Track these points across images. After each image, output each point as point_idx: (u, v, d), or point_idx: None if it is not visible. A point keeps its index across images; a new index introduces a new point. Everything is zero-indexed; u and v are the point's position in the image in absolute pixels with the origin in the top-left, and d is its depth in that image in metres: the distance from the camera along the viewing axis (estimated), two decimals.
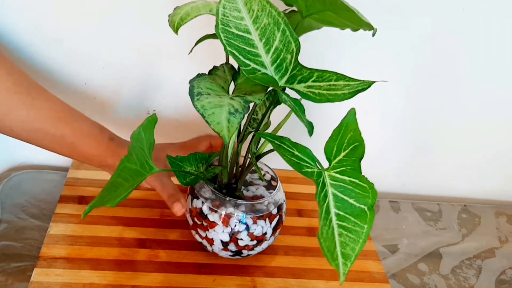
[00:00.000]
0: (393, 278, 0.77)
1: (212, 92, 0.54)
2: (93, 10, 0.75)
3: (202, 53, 0.70)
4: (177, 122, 0.87)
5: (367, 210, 0.54)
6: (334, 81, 0.54)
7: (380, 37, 0.81)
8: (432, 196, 0.99)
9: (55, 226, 0.72)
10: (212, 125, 0.50)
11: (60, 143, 0.64)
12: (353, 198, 0.54)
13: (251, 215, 0.66)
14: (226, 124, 0.50)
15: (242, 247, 0.68)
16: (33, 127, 0.62)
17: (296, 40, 0.55)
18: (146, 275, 0.67)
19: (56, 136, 0.63)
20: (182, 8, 0.58)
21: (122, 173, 0.54)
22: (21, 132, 0.62)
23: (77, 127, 0.65)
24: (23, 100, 0.61)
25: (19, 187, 0.81)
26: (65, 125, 0.64)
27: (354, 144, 0.56)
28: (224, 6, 0.54)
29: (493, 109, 0.91)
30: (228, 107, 0.51)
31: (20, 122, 0.61)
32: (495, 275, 0.82)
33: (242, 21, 0.54)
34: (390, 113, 0.90)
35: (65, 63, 0.79)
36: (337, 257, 0.54)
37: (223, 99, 0.53)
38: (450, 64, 0.85)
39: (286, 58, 0.55)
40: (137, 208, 0.78)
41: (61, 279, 0.64)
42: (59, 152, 0.66)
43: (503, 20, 0.82)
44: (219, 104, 0.51)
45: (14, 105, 0.60)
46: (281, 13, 0.54)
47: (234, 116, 0.51)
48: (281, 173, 0.91)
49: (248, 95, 0.55)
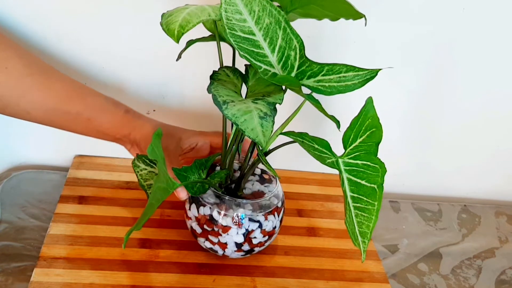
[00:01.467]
0: (393, 278, 0.77)
1: (234, 98, 0.54)
2: (93, 9, 0.75)
3: (201, 53, 0.70)
4: (177, 122, 0.87)
5: (377, 189, 0.56)
6: (344, 73, 0.56)
7: (380, 38, 0.81)
8: (432, 196, 0.99)
9: (55, 226, 0.72)
10: (246, 132, 0.50)
11: (76, 120, 0.65)
12: (364, 179, 0.57)
13: (262, 212, 0.66)
14: (260, 129, 0.51)
15: (255, 245, 0.68)
16: (48, 107, 0.63)
17: (297, 36, 0.56)
18: (146, 275, 0.67)
19: (71, 114, 0.64)
20: (176, 15, 0.55)
21: (156, 195, 0.56)
22: (38, 113, 0.63)
23: (91, 102, 0.66)
24: (36, 81, 0.62)
25: (19, 187, 0.81)
26: (79, 101, 0.65)
27: (371, 130, 0.57)
28: (226, 10, 0.54)
29: (493, 109, 0.91)
30: (256, 111, 0.52)
31: (36, 104, 0.62)
32: (495, 275, 0.82)
33: (245, 23, 0.55)
34: (390, 113, 0.90)
35: (65, 63, 0.79)
36: (357, 237, 0.58)
37: (248, 105, 0.53)
38: (450, 64, 0.85)
39: (290, 55, 0.56)
40: (137, 208, 0.78)
41: (61, 279, 0.64)
42: (76, 130, 0.67)
43: (503, 20, 0.82)
44: (248, 110, 0.52)
45: (28, 87, 0.61)
46: (280, 11, 0.55)
47: (266, 120, 0.51)
48: (281, 173, 0.91)
49: (267, 97, 0.55)
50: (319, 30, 0.78)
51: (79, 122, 0.65)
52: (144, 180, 0.69)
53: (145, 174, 0.69)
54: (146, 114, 0.85)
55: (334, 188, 0.91)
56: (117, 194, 0.80)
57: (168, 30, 0.53)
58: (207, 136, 0.72)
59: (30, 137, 0.85)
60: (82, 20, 0.76)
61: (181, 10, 0.56)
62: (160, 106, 0.85)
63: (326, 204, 0.87)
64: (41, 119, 0.64)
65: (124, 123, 0.68)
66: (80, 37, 0.77)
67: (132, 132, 0.68)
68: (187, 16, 0.54)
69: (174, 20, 0.54)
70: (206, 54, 0.73)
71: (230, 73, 0.61)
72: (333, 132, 0.58)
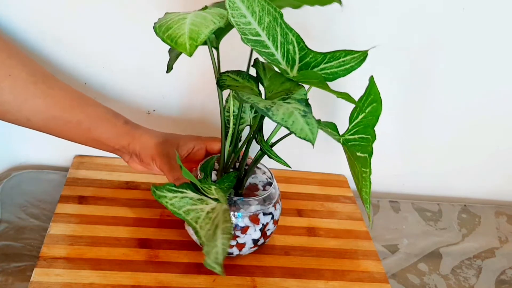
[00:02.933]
0: (393, 278, 0.77)
1: (267, 102, 0.53)
2: (93, 9, 0.75)
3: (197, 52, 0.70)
4: (177, 122, 0.87)
5: (368, 157, 0.61)
6: (343, 58, 0.59)
7: (380, 38, 0.81)
8: (432, 196, 0.99)
9: (55, 226, 0.72)
10: (297, 133, 0.49)
11: (76, 129, 0.66)
12: (359, 151, 0.61)
13: (270, 204, 0.67)
14: (307, 127, 0.50)
15: (268, 236, 0.70)
16: (49, 115, 0.63)
17: (291, 30, 0.57)
18: (146, 275, 0.67)
19: (72, 123, 0.65)
20: (178, 26, 0.52)
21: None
22: (38, 121, 0.63)
23: (91, 112, 0.66)
24: (39, 89, 0.62)
25: (19, 187, 0.81)
26: (80, 111, 0.65)
27: (372, 105, 0.62)
28: (233, 15, 0.54)
29: (493, 108, 0.91)
30: (296, 111, 0.51)
31: (37, 111, 0.62)
32: (495, 275, 0.82)
33: (251, 25, 0.55)
34: (390, 113, 0.90)
35: (65, 62, 0.79)
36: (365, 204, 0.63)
37: (285, 106, 0.52)
38: (450, 64, 0.85)
39: (289, 49, 0.57)
40: (137, 208, 0.78)
41: (61, 279, 0.64)
42: (76, 139, 0.67)
43: (503, 20, 0.82)
44: (289, 112, 0.51)
45: (31, 95, 0.61)
46: (276, 8, 0.56)
47: (309, 118, 0.50)
48: (281, 173, 0.91)
49: (291, 95, 0.54)
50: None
51: (79, 131, 0.66)
52: (179, 208, 0.60)
53: (177, 202, 0.61)
54: (146, 114, 0.86)
55: (334, 188, 0.91)
56: (117, 194, 0.80)
57: (177, 45, 0.50)
58: (203, 141, 0.73)
59: (30, 137, 0.85)
60: (82, 20, 0.76)
61: (178, 20, 0.53)
62: (160, 106, 0.85)
63: (326, 204, 0.87)
64: (41, 127, 0.65)
65: (123, 134, 0.68)
66: (80, 36, 0.77)
67: (131, 142, 0.68)
68: (193, 27, 0.52)
69: (179, 32, 0.51)
70: (203, 52, 0.73)
71: (237, 76, 0.60)
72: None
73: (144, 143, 0.68)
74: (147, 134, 0.69)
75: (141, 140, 0.69)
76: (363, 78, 0.64)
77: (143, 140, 0.69)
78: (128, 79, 0.82)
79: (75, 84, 0.81)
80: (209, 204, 0.59)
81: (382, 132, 0.92)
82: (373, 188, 0.99)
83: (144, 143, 0.68)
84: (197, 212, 0.58)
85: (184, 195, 0.60)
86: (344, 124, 0.64)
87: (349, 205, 0.88)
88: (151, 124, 0.86)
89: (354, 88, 0.63)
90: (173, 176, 0.67)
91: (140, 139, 0.69)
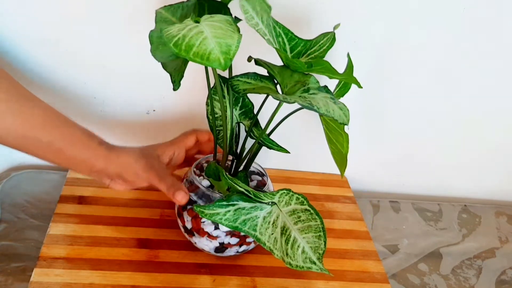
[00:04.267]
0: (393, 278, 0.77)
1: (304, 99, 0.55)
2: (93, 9, 0.75)
3: None
4: (176, 122, 0.87)
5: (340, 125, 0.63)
6: (321, 41, 0.64)
7: (381, 39, 0.81)
8: (432, 196, 0.99)
9: (55, 226, 0.72)
10: (339, 120, 0.54)
11: (47, 149, 0.63)
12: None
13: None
14: (341, 112, 0.55)
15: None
16: (18, 134, 0.61)
17: (276, 22, 0.61)
18: (146, 275, 0.67)
19: (43, 142, 0.63)
20: (202, 42, 0.49)
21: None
22: (10, 140, 0.62)
23: (65, 132, 0.64)
24: (11, 107, 0.60)
25: (19, 187, 0.81)
26: (51, 131, 0.63)
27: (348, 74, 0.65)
28: (247, 18, 0.55)
29: (493, 109, 0.91)
30: (327, 99, 0.56)
31: (7, 129, 0.61)
32: (496, 275, 0.82)
33: (258, 26, 0.56)
34: (390, 114, 0.90)
35: (65, 62, 0.79)
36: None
37: (319, 98, 0.55)
38: (450, 64, 0.85)
39: (280, 41, 0.61)
40: (137, 208, 0.78)
41: (61, 279, 0.64)
42: (49, 159, 0.65)
43: (503, 19, 0.82)
44: (326, 103, 0.55)
45: (1, 113, 0.60)
46: (267, 2, 0.57)
47: (338, 103, 0.56)
48: (281, 173, 0.91)
49: (307, 85, 0.57)
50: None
51: (51, 151, 0.64)
52: (234, 221, 0.59)
53: (232, 216, 0.59)
54: (146, 114, 0.85)
55: (334, 188, 0.91)
56: (117, 194, 0.80)
57: (209, 61, 0.48)
58: (178, 143, 0.72)
59: None
60: (82, 20, 0.76)
61: (196, 36, 0.51)
62: (160, 106, 0.85)
63: (326, 204, 0.87)
64: (14, 146, 0.63)
65: (98, 156, 0.66)
66: (80, 36, 0.77)
67: (108, 165, 0.66)
68: (219, 40, 0.50)
69: (207, 48, 0.49)
70: None
71: (247, 79, 0.60)
72: None
73: (124, 164, 0.66)
74: (125, 154, 0.67)
75: (120, 161, 0.66)
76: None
77: (121, 161, 0.66)
78: (128, 79, 0.82)
79: (75, 84, 0.81)
80: (264, 209, 0.59)
81: (382, 132, 0.93)
82: (373, 188, 1.00)
83: (123, 163, 0.66)
84: (253, 220, 0.58)
85: (237, 207, 0.59)
86: None
87: (349, 205, 0.88)
88: (151, 124, 0.87)
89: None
90: (166, 185, 0.66)
91: (118, 160, 0.66)
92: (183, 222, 0.69)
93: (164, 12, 0.61)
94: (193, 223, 0.67)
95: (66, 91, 0.81)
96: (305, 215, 0.58)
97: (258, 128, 0.68)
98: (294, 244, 0.57)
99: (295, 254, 0.56)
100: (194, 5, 0.60)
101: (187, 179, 0.69)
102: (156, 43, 0.60)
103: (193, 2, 0.60)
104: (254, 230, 0.58)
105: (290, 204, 0.59)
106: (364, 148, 0.93)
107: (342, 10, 0.78)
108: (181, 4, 0.61)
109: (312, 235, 0.57)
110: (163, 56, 0.62)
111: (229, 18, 0.54)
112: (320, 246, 0.57)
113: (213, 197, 0.65)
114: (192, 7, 0.60)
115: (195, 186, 0.67)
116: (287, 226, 0.58)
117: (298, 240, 0.57)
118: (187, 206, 0.67)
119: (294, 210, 0.58)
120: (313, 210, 0.58)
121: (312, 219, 0.58)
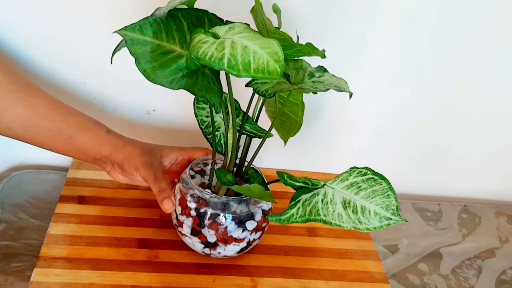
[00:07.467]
0: (393, 278, 0.77)
1: (326, 84, 0.59)
2: (93, 9, 0.75)
3: None
4: (176, 122, 0.87)
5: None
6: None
7: (382, 39, 0.81)
8: (432, 196, 0.99)
9: (55, 226, 0.72)
10: (347, 90, 0.58)
11: (56, 138, 0.65)
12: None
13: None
14: (345, 84, 0.61)
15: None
16: (30, 124, 0.63)
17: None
18: (146, 275, 0.67)
19: (52, 131, 0.64)
20: (256, 57, 0.49)
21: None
22: (19, 129, 0.63)
23: (73, 121, 0.66)
24: (20, 97, 0.62)
25: (19, 187, 0.81)
26: (61, 119, 0.65)
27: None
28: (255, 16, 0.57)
29: (493, 109, 0.91)
30: (333, 77, 0.61)
31: (18, 120, 0.62)
32: (496, 275, 0.82)
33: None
34: (390, 113, 0.90)
35: (65, 62, 0.79)
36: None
37: (331, 79, 0.60)
38: (450, 64, 0.85)
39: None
40: (137, 208, 0.78)
41: (61, 279, 0.64)
42: (56, 148, 0.67)
43: (503, 19, 0.82)
44: (337, 80, 0.61)
45: (11, 103, 0.61)
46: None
47: (338, 78, 0.62)
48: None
49: (306, 71, 0.62)
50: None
51: (60, 140, 0.65)
52: (303, 215, 0.61)
53: (302, 211, 0.61)
54: (146, 114, 0.85)
55: None
56: (117, 194, 0.80)
57: (270, 74, 0.48)
58: (185, 152, 0.72)
59: None
60: (82, 20, 0.76)
61: (242, 51, 0.50)
62: (160, 106, 0.85)
63: None
64: (22, 136, 0.64)
65: (105, 143, 0.67)
66: (80, 36, 0.77)
67: (113, 152, 0.68)
68: (267, 50, 0.49)
69: (262, 62, 0.49)
70: None
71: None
72: None
73: (127, 154, 0.68)
74: (131, 145, 0.69)
75: (125, 150, 0.68)
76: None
77: (126, 150, 0.68)
78: (128, 79, 0.82)
79: (75, 84, 0.81)
80: (319, 195, 0.61)
81: (382, 132, 0.93)
82: None
83: (127, 153, 0.68)
84: (315, 207, 0.60)
85: (302, 201, 0.61)
86: None
87: None
88: (151, 124, 0.87)
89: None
90: (158, 187, 0.66)
91: (123, 149, 0.68)
92: (203, 239, 0.67)
93: (130, 34, 0.57)
94: (218, 236, 0.66)
95: (66, 92, 0.81)
96: (366, 183, 0.60)
97: (251, 121, 0.68)
98: (364, 210, 0.59)
99: (369, 219, 0.58)
100: (167, 19, 0.57)
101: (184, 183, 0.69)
102: (149, 68, 0.58)
103: (165, 15, 0.56)
104: (318, 215, 0.60)
105: (348, 179, 0.60)
106: (364, 148, 0.93)
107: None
108: (145, 20, 0.56)
109: (379, 197, 0.59)
110: (167, 77, 0.59)
111: (244, 25, 0.54)
112: (391, 203, 0.59)
113: (209, 199, 0.65)
114: (165, 21, 0.57)
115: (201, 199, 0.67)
116: (348, 199, 0.60)
117: (367, 206, 0.59)
118: (204, 222, 0.66)
119: (352, 183, 0.60)
120: (378, 176, 0.60)
121: (377, 184, 0.59)
